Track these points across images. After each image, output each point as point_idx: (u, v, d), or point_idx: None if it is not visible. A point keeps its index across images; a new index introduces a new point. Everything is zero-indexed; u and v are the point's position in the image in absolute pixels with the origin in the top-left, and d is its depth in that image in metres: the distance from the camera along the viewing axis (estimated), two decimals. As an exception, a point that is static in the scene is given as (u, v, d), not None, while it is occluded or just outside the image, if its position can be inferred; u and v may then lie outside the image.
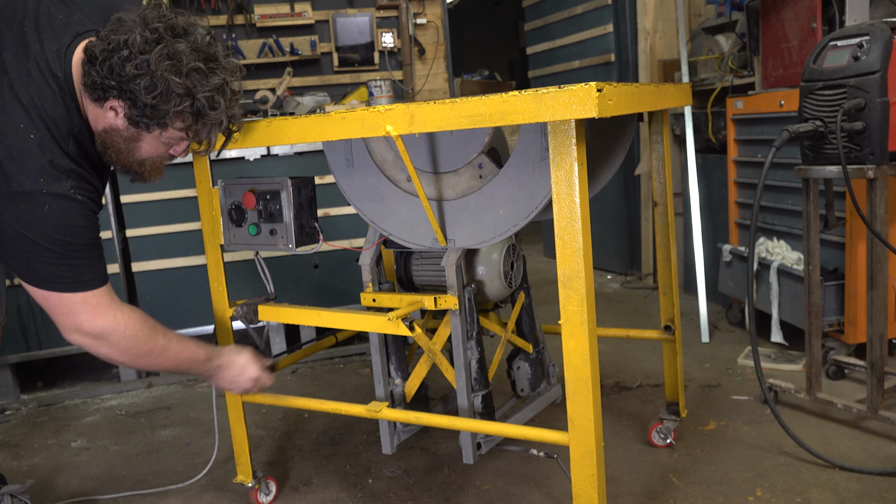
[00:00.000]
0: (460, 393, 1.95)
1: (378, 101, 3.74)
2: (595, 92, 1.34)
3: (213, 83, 1.49)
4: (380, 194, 1.95)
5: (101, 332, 1.61)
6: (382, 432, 2.08)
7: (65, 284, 1.55)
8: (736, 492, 2.08)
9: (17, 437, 2.90)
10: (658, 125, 2.24)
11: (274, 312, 2.01)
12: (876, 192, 2.17)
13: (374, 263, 2.03)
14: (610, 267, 4.88)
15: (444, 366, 2.01)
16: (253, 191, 1.99)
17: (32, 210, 1.47)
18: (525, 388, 2.21)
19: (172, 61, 1.44)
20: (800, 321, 2.88)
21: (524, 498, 2.15)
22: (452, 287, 1.88)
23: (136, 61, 1.43)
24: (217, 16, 3.95)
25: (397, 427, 2.11)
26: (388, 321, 1.76)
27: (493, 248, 1.98)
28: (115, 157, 1.57)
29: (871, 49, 2.12)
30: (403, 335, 1.98)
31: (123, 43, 1.44)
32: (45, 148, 1.48)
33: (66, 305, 1.57)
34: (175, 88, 1.45)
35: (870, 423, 2.40)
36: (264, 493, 2.25)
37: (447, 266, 1.87)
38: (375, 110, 1.58)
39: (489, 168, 1.79)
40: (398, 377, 2.10)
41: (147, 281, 3.34)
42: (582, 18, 4.75)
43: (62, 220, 1.50)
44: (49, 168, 1.48)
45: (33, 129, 1.47)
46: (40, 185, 1.47)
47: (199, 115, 1.51)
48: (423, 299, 1.89)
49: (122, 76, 1.44)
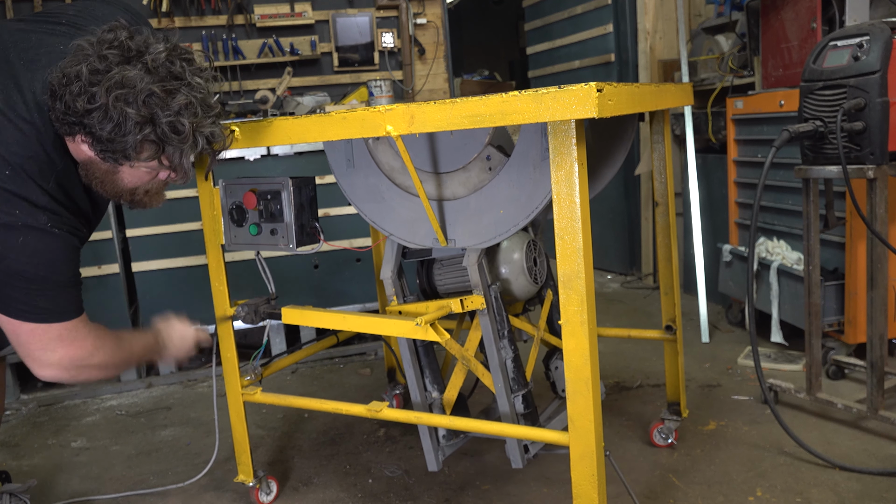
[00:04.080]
0: (499, 395, 1.92)
1: (378, 102, 3.74)
2: (595, 92, 1.34)
3: (175, 105, 1.38)
4: (380, 194, 1.95)
5: (83, 359, 1.55)
6: (426, 448, 2.02)
7: (38, 315, 1.47)
8: (736, 492, 2.08)
9: (17, 437, 2.90)
10: (659, 125, 2.24)
11: (298, 315, 1.99)
12: (876, 192, 2.17)
13: (395, 276, 2.02)
14: (610, 267, 4.88)
15: (480, 370, 1.97)
16: (254, 191, 1.99)
17: (6, 241, 1.40)
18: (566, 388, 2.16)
19: (124, 90, 1.34)
20: (800, 321, 2.88)
21: (524, 498, 2.15)
22: (477, 286, 1.86)
23: (87, 95, 1.34)
24: (217, 16, 3.95)
25: (441, 442, 2.05)
26: (417, 326, 1.74)
27: (514, 247, 1.96)
28: (101, 187, 1.51)
29: (871, 49, 2.12)
30: (433, 342, 1.95)
31: (75, 76, 1.35)
32: (19, 184, 1.40)
33: (40, 339, 1.49)
34: (132, 118, 1.35)
35: (870, 423, 2.40)
36: (265, 493, 2.25)
37: (469, 266, 1.85)
38: (376, 110, 1.58)
39: (498, 158, 1.78)
40: (435, 390, 2.05)
41: (147, 281, 3.34)
42: (582, 18, 4.75)
43: (37, 253, 1.42)
44: (24, 203, 1.41)
45: (7, 167, 1.40)
46: (16, 217, 1.40)
47: (163, 141, 1.40)
48: (449, 303, 1.86)
49: (77, 111, 1.36)
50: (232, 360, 2.12)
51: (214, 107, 1.48)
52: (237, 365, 2.12)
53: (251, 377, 2.15)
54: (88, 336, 1.56)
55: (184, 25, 3.91)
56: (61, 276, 1.48)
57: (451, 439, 2.07)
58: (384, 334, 2.00)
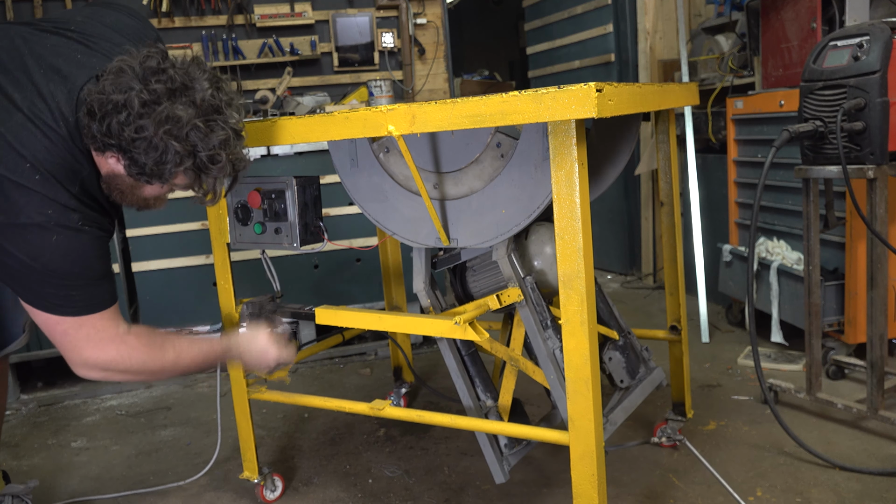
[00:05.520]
0: (554, 387, 1.86)
1: (378, 101, 3.74)
2: (594, 92, 1.34)
3: (215, 140, 1.46)
4: (384, 194, 1.95)
5: (107, 365, 1.61)
6: (489, 460, 1.93)
7: (71, 308, 1.54)
8: (736, 492, 2.09)
9: (17, 437, 2.90)
10: (664, 125, 2.24)
11: (332, 315, 1.95)
12: (876, 192, 2.17)
13: (428, 287, 1.99)
14: (610, 267, 4.88)
15: (530, 368, 1.93)
16: (258, 190, 2.00)
17: (40, 242, 1.47)
18: (624, 378, 2.10)
19: (171, 125, 1.41)
20: (800, 321, 2.88)
21: (524, 498, 2.15)
22: (511, 279, 1.83)
23: (135, 125, 1.41)
24: (217, 16, 3.95)
25: (503, 451, 1.95)
26: (455, 325, 1.71)
27: (544, 240, 1.95)
28: (119, 197, 1.58)
29: (871, 49, 2.12)
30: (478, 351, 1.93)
31: (122, 104, 1.41)
32: (48, 188, 1.47)
33: (73, 337, 1.57)
34: (175, 149, 1.42)
35: (870, 423, 2.40)
36: (270, 490, 2.26)
37: (499, 259, 1.83)
38: (378, 110, 1.59)
39: (508, 143, 1.76)
40: (488, 398, 1.99)
41: (147, 281, 3.34)
42: (582, 18, 4.75)
43: (70, 252, 1.50)
44: (55, 204, 1.47)
45: (36, 172, 1.46)
46: (48, 217, 1.46)
47: (200, 171, 1.48)
48: (486, 301, 1.83)
49: (122, 138, 1.42)
50: (237, 358, 2.12)
51: (244, 135, 1.55)
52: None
53: (255, 375, 2.15)
54: (116, 338, 1.61)
55: (184, 25, 3.91)
56: (92, 271, 1.55)
57: (514, 447, 1.96)
58: (423, 334, 1.97)
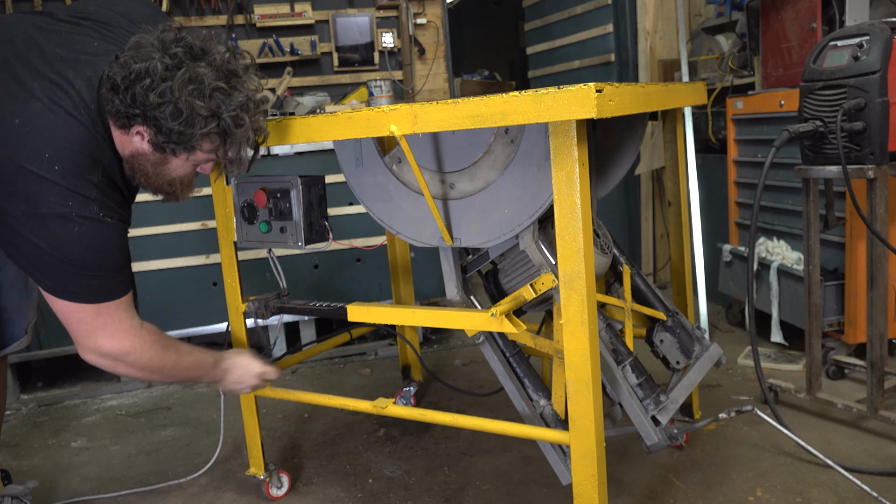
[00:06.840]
0: (605, 370, 1.81)
1: (378, 102, 3.74)
2: (594, 92, 1.34)
3: (236, 101, 1.49)
4: (388, 193, 1.96)
5: (119, 355, 1.64)
6: (553, 461, 1.85)
7: (92, 296, 1.57)
8: (736, 492, 2.09)
9: (17, 437, 2.90)
10: (671, 125, 2.24)
11: (364, 312, 1.92)
12: (876, 192, 2.17)
13: (462, 293, 1.97)
14: (610, 267, 4.88)
15: None
16: (264, 189, 2.02)
17: (62, 231, 1.48)
18: (679, 359, 2.05)
19: (195, 85, 1.44)
20: (800, 321, 2.88)
21: (524, 498, 2.15)
22: (542, 265, 1.78)
23: (160, 89, 1.43)
24: (217, 16, 3.95)
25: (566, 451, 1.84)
26: (492, 317, 1.67)
27: None
28: (144, 180, 1.60)
29: (871, 49, 2.12)
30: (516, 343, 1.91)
31: (145, 71, 1.44)
32: (70, 178, 1.48)
33: (88, 324, 1.59)
34: (200, 112, 1.45)
35: (870, 423, 2.40)
36: (276, 487, 2.26)
37: (527, 247, 1.78)
38: (381, 110, 1.59)
39: (515, 128, 1.74)
40: (541, 398, 1.91)
41: (147, 281, 3.33)
42: (582, 18, 4.75)
43: (92, 242, 1.52)
44: (76, 195, 1.49)
45: (55, 162, 1.47)
46: (69, 208, 1.48)
47: (225, 134, 1.51)
48: (520, 292, 1.77)
49: (147, 105, 1.45)
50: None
51: (264, 102, 1.59)
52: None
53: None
54: (131, 330, 1.64)
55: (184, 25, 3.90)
56: (112, 261, 1.57)
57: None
58: (458, 328, 1.93)
